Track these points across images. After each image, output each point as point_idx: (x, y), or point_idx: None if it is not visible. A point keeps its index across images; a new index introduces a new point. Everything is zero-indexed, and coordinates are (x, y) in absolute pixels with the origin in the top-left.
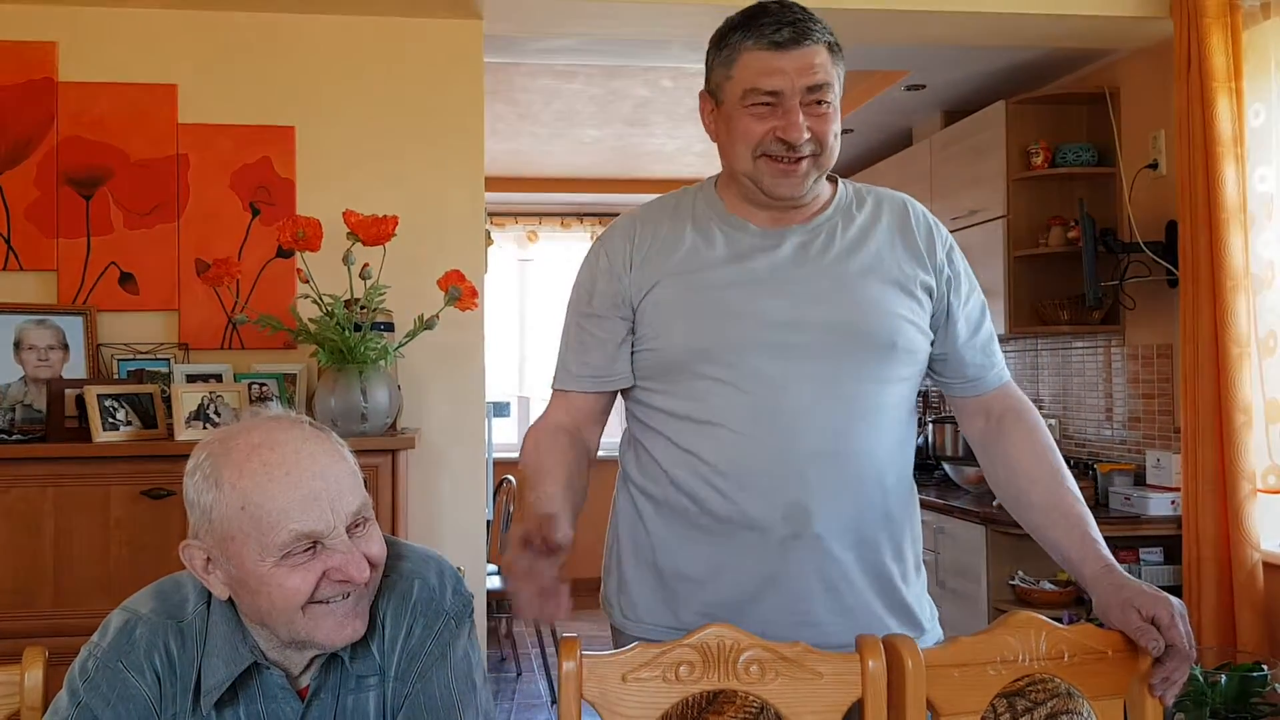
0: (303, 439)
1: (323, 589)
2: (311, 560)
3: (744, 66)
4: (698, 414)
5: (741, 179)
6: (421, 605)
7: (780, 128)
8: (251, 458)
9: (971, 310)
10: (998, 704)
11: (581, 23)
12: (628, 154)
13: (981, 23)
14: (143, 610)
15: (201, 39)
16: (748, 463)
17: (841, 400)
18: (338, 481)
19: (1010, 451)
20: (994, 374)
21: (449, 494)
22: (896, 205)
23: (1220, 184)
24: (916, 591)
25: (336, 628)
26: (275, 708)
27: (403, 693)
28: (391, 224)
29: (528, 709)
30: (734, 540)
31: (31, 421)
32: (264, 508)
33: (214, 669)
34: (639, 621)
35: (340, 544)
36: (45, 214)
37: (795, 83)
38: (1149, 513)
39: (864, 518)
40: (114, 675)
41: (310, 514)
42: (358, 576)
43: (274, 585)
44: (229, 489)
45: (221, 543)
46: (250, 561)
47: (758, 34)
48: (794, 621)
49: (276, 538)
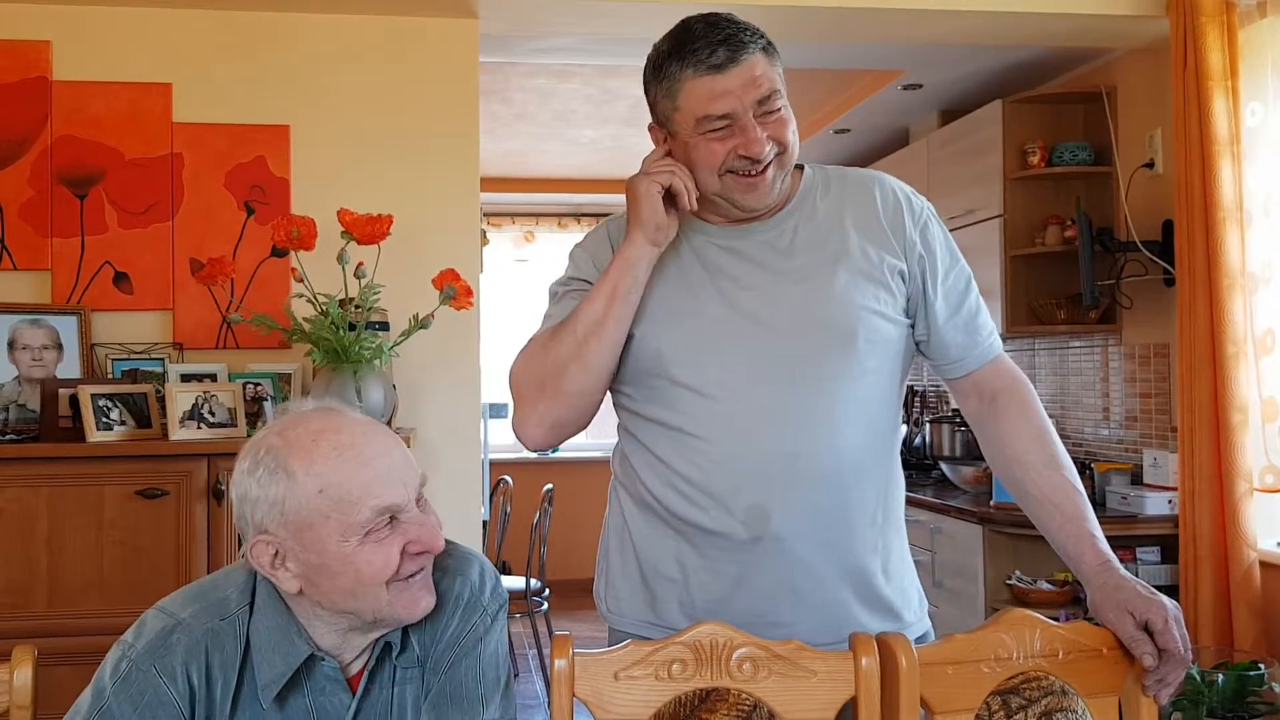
0: (360, 421)
1: (405, 564)
2: (392, 535)
3: (688, 95)
4: (662, 418)
5: (711, 198)
6: (463, 599)
7: (741, 145)
8: (320, 443)
9: (951, 288)
10: (992, 702)
11: (577, 22)
12: (624, 154)
13: (978, 22)
14: (182, 614)
15: (196, 38)
16: (710, 469)
17: (803, 399)
18: (403, 457)
19: (1004, 435)
20: (980, 351)
21: (445, 494)
22: (863, 187)
23: (1217, 183)
24: (899, 585)
25: (413, 601)
26: (324, 701)
27: (434, 683)
28: (386, 223)
29: (525, 709)
30: (702, 542)
31: (25, 421)
32: (344, 487)
33: (270, 664)
34: (622, 616)
35: (414, 516)
36: (39, 213)
37: (744, 100)
38: (1146, 512)
39: (830, 516)
40: (146, 679)
41: (388, 489)
42: (436, 545)
43: (361, 563)
44: (302, 476)
45: (298, 532)
46: (333, 544)
47: (694, 61)
48: (762, 622)
49: (359, 515)
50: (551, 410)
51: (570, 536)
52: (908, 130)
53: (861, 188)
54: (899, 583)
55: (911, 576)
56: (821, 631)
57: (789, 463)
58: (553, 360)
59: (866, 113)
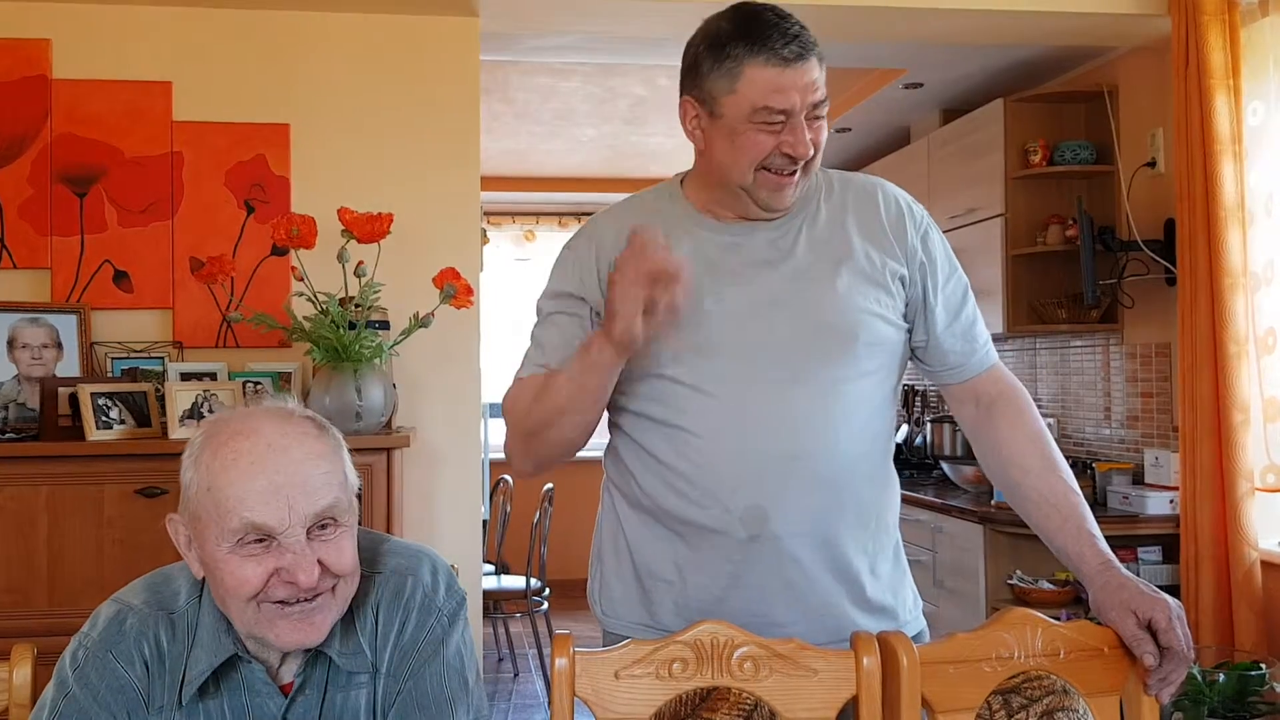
0: (282, 432)
1: (273, 588)
2: (264, 554)
3: (750, 82)
4: (661, 416)
5: (735, 191)
6: (414, 601)
7: (788, 143)
8: (228, 443)
9: (950, 295)
10: (993, 701)
11: (578, 21)
12: (624, 153)
13: (979, 20)
14: (134, 601)
15: (196, 36)
16: (707, 466)
17: (803, 400)
18: (306, 479)
19: (1001, 440)
20: (977, 359)
21: (445, 493)
22: (865, 192)
23: (1218, 182)
24: (890, 584)
25: (289, 630)
26: (259, 702)
27: (394, 690)
28: (386, 221)
29: (525, 709)
30: (698, 542)
31: (25, 420)
32: (224, 492)
33: (197, 659)
34: (617, 618)
35: (295, 544)
36: (39, 212)
37: (803, 99)
38: (1147, 512)
39: (826, 516)
40: (104, 666)
41: (265, 508)
42: (304, 581)
43: (226, 572)
44: (203, 470)
45: (192, 520)
46: (210, 544)
47: (766, 49)
48: (757, 623)
49: (229, 524)
50: (537, 454)
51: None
52: (909, 129)
53: (864, 192)
54: (889, 582)
55: (905, 576)
56: (818, 632)
57: (788, 464)
58: (535, 420)
59: (868, 112)
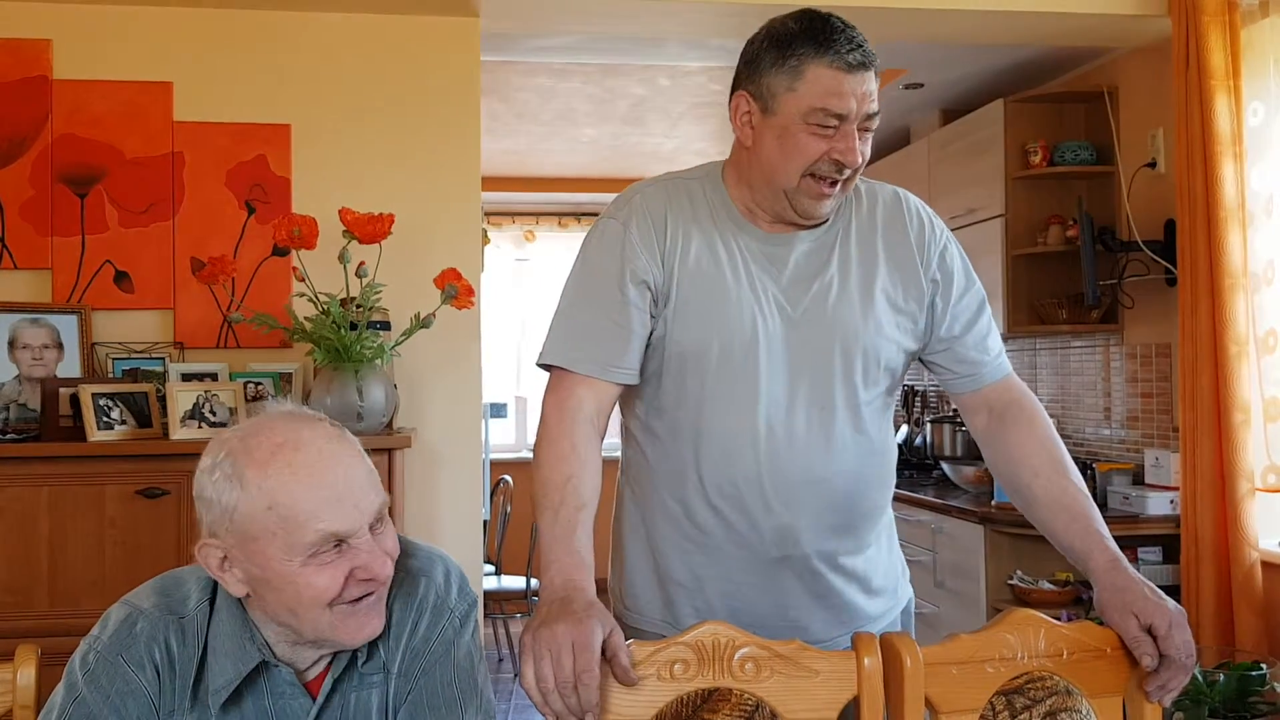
0: (326, 438)
1: (350, 589)
2: (338, 559)
3: (812, 83)
4: (693, 425)
5: (776, 192)
6: (428, 602)
7: (839, 150)
8: (276, 457)
9: (964, 308)
10: (996, 702)
11: (579, 21)
12: (625, 153)
13: (980, 21)
14: (144, 605)
15: (197, 36)
16: (739, 482)
17: (833, 423)
18: (360, 481)
19: (1012, 445)
20: (990, 369)
21: (446, 494)
22: (893, 208)
23: (1219, 182)
24: (887, 568)
25: (359, 627)
26: (285, 705)
27: (405, 690)
28: (388, 222)
29: (525, 709)
30: (721, 554)
31: (26, 420)
32: (292, 508)
33: (221, 669)
34: (640, 614)
35: (364, 543)
36: (40, 212)
37: (860, 107)
38: (1147, 512)
39: (847, 531)
40: (114, 669)
41: (338, 514)
42: (383, 574)
43: (302, 584)
44: (254, 489)
45: (244, 542)
46: (276, 561)
47: (832, 52)
48: (785, 626)
49: (304, 537)
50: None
51: None
52: (909, 129)
53: (892, 208)
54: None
55: (895, 548)
56: (834, 625)
57: (816, 486)
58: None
59: None
